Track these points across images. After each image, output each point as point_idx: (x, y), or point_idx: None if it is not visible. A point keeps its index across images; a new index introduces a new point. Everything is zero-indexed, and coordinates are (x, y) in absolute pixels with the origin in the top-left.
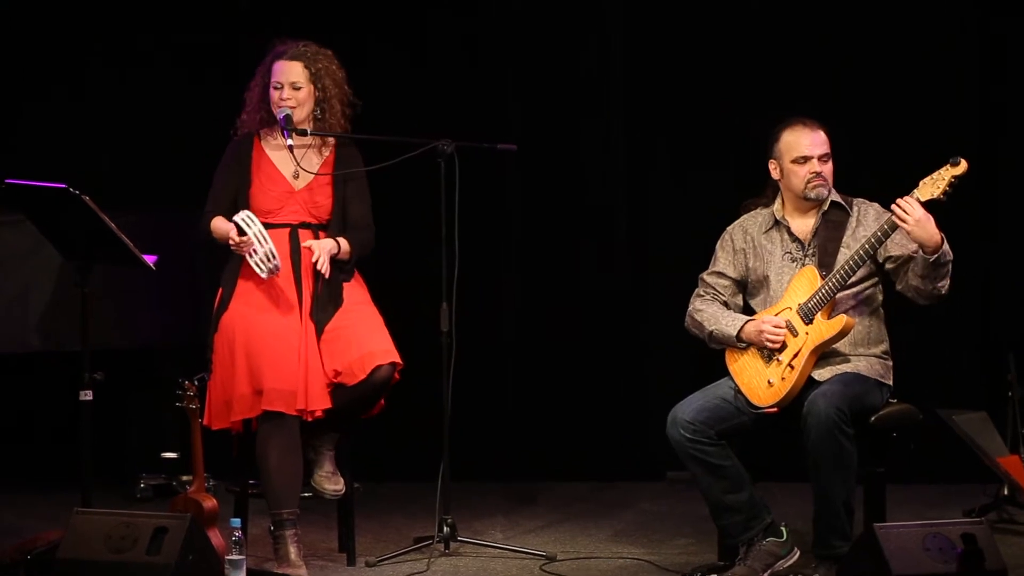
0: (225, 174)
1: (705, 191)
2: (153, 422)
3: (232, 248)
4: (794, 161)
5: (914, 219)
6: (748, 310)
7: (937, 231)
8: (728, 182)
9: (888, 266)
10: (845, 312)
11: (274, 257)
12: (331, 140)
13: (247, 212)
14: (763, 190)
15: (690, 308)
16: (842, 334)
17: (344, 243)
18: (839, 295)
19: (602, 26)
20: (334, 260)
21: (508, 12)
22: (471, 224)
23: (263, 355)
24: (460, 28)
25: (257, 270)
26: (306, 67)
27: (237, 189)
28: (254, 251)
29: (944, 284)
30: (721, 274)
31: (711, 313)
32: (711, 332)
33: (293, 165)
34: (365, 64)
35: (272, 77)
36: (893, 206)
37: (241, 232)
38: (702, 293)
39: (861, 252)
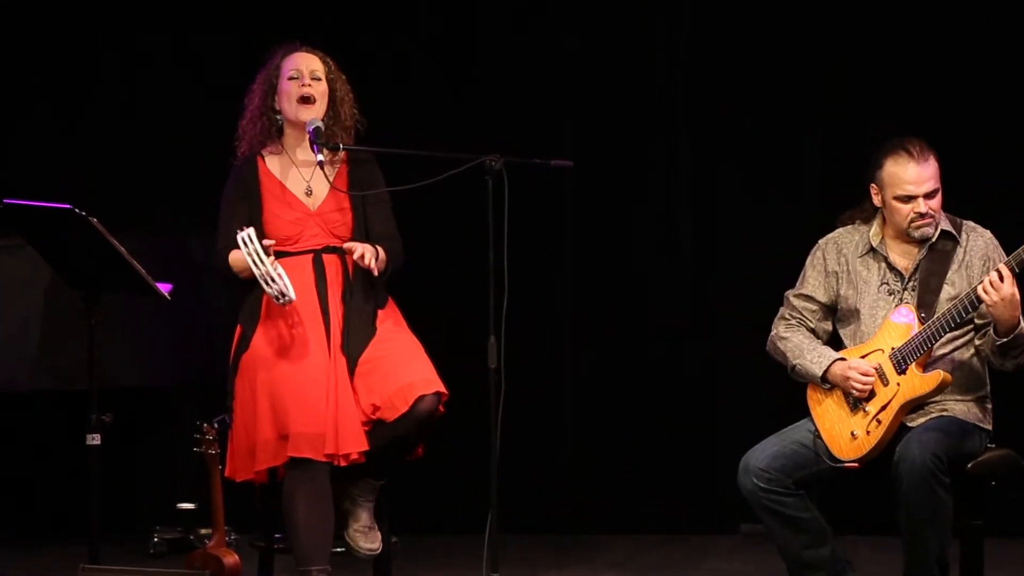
0: (232, 205)
1: (778, 209)
2: (168, 469)
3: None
4: (896, 198)
5: (999, 297)
6: (837, 338)
7: (1017, 313)
8: (805, 199)
9: (977, 321)
10: (942, 359)
11: (274, 281)
12: (341, 152)
13: (249, 231)
14: (861, 202)
15: (773, 332)
16: (937, 391)
17: (381, 250)
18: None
19: (666, 34)
20: (371, 278)
21: (562, 19)
22: (522, 249)
23: (288, 396)
24: (510, 35)
25: (267, 292)
26: (323, 62)
27: (249, 220)
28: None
29: (1017, 361)
30: (809, 298)
31: (796, 343)
32: (794, 365)
33: (305, 182)
34: (408, 76)
35: (287, 66)
36: (985, 280)
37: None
38: (787, 316)
39: (954, 313)
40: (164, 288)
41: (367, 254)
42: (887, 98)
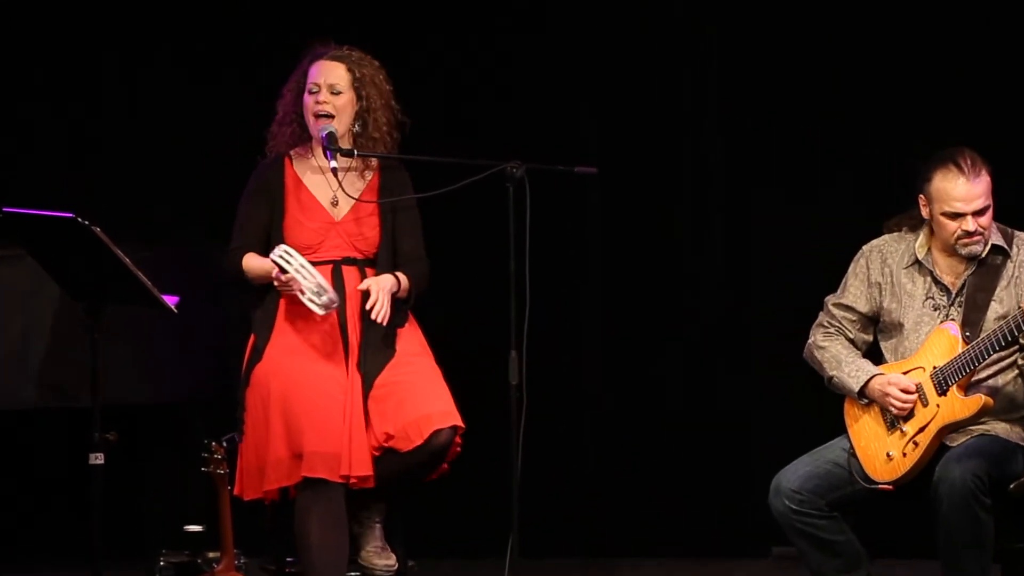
0: (252, 204)
1: (816, 213)
2: (175, 490)
3: (279, 288)
4: (944, 214)
5: None
6: (878, 350)
7: None
8: (845, 205)
9: (1022, 341)
10: (984, 380)
11: (326, 290)
12: (374, 162)
13: (284, 247)
14: (908, 209)
15: (811, 339)
16: (977, 416)
17: (404, 279)
18: None
19: (696, 31)
20: (392, 300)
21: (585, 17)
22: (544, 259)
23: (303, 412)
24: (531, 36)
25: (313, 308)
26: (349, 70)
27: (268, 222)
28: (302, 289)
29: None
30: (849, 308)
31: (834, 354)
32: (831, 377)
33: (331, 191)
34: (425, 78)
35: (308, 79)
36: None
37: (284, 269)
38: (826, 324)
39: (1001, 334)
40: (171, 300)
41: (382, 301)
42: (931, 98)
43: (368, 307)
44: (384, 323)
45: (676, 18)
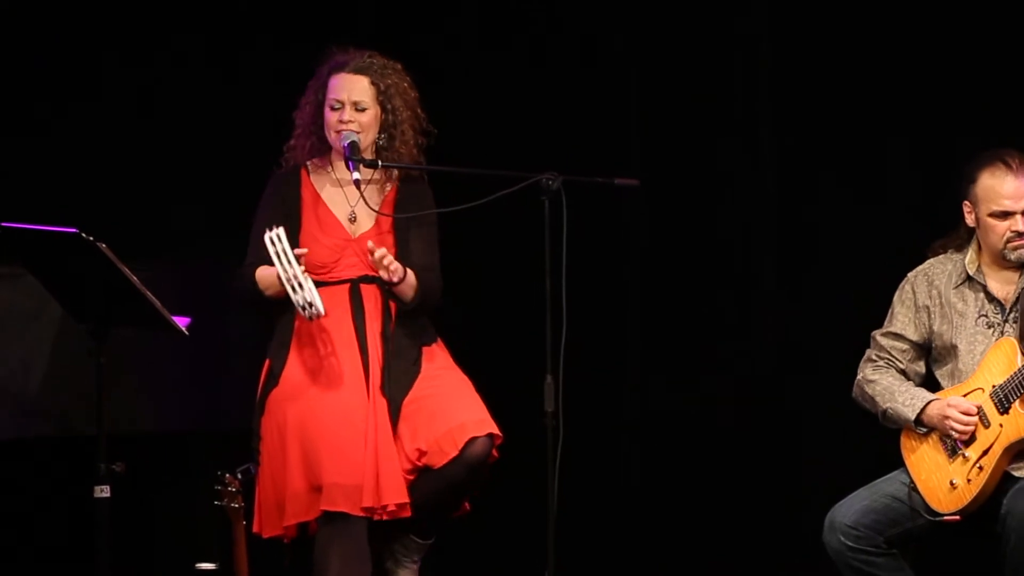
0: (268, 217)
1: (875, 233)
2: (186, 524)
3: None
4: (992, 215)
5: None
6: (932, 381)
7: None
8: (907, 221)
9: None
10: None
11: (301, 287)
12: (395, 174)
13: (279, 230)
14: (955, 228)
15: (860, 376)
16: None
17: (411, 274)
18: None
19: (745, 35)
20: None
21: (626, 20)
22: (582, 278)
23: (321, 441)
24: (568, 37)
25: (293, 301)
26: (373, 83)
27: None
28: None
29: None
30: (899, 336)
31: (886, 386)
32: (885, 410)
33: (349, 206)
34: (454, 84)
35: (329, 94)
36: None
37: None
38: (875, 358)
39: None
40: (182, 322)
41: (389, 256)
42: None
43: (376, 257)
44: (394, 278)
45: (726, 23)
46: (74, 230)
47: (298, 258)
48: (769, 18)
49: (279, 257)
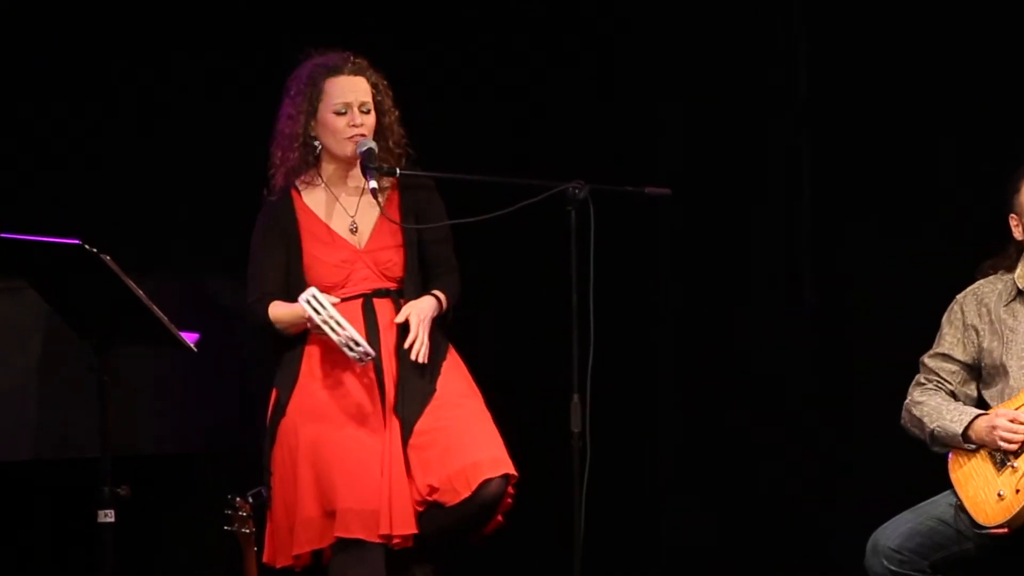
0: (266, 250)
1: (920, 248)
2: (194, 551)
3: (313, 330)
4: None
5: None
6: (983, 405)
7: None
8: (952, 237)
9: None
10: None
11: (358, 344)
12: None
13: (312, 291)
14: (1003, 248)
15: (908, 400)
16: None
17: (443, 297)
18: None
19: (783, 38)
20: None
21: (656, 18)
22: (610, 291)
23: (334, 465)
24: (595, 39)
25: (351, 354)
26: (371, 84)
27: (286, 265)
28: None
29: None
30: (947, 356)
31: (933, 406)
32: (932, 430)
33: (349, 217)
34: (476, 89)
35: (332, 99)
36: None
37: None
38: (923, 381)
39: None
40: (190, 338)
41: (422, 335)
42: None
43: (407, 344)
44: (423, 360)
45: (763, 26)
46: (77, 241)
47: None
48: (808, 23)
49: (328, 324)
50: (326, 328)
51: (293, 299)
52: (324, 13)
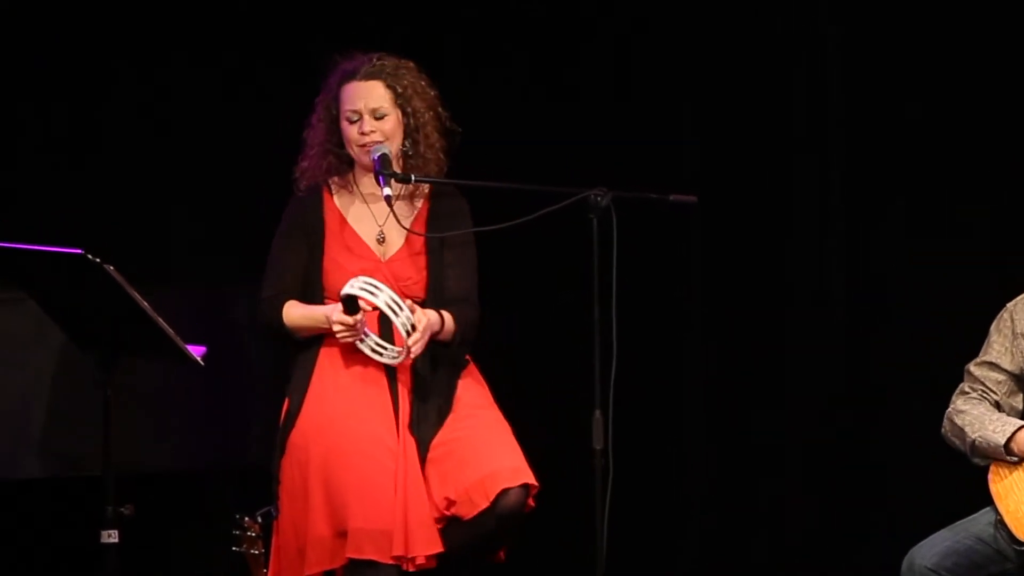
0: (288, 243)
1: (958, 258)
2: (201, 572)
3: (340, 338)
4: None
5: None
6: None
7: None
8: (995, 246)
9: None
10: None
11: (414, 328)
12: (425, 188)
13: (362, 278)
14: None
15: (950, 408)
16: None
17: (448, 319)
18: None
19: (813, 34)
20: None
21: (683, 20)
22: (634, 303)
23: (347, 483)
24: (616, 42)
25: (378, 358)
26: (388, 86)
27: (306, 264)
28: (365, 334)
29: None
30: (994, 365)
31: (976, 416)
32: (974, 441)
33: (377, 227)
34: (494, 92)
35: (344, 106)
36: None
37: (354, 309)
38: (968, 390)
39: None
40: (196, 351)
41: (421, 333)
42: None
43: (410, 342)
44: (413, 355)
45: (792, 26)
46: (79, 250)
47: (361, 309)
48: (841, 31)
49: (390, 306)
50: (388, 312)
51: (308, 300)
52: (339, 14)
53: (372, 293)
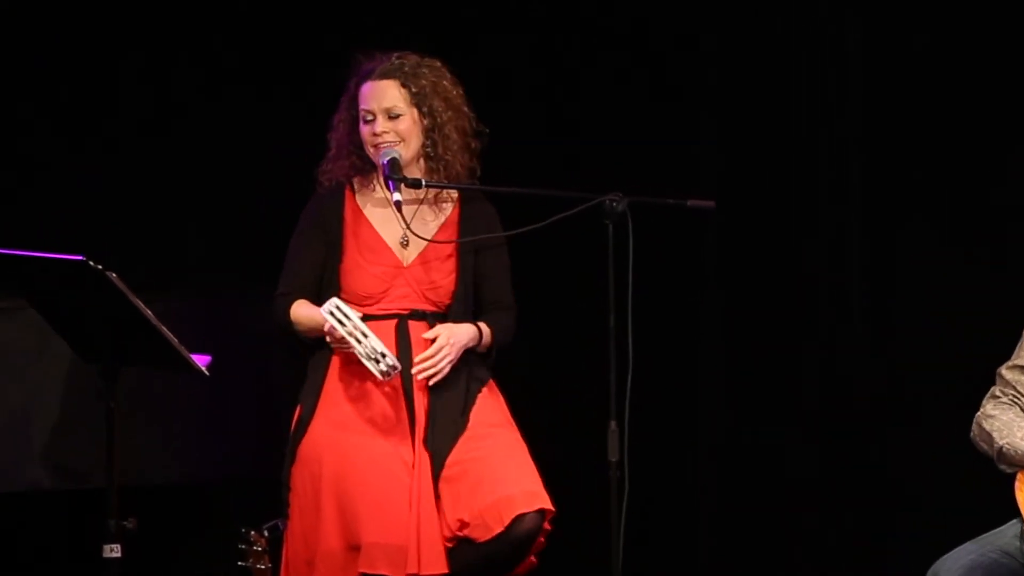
0: (305, 241)
1: (985, 261)
2: None
3: (331, 345)
4: None
5: None
6: None
7: None
8: (1009, 246)
9: None
10: None
11: (384, 356)
12: (454, 192)
13: (335, 302)
14: None
15: (979, 412)
16: None
17: (486, 330)
18: None
19: (835, 36)
20: (471, 352)
21: (700, 23)
22: (650, 311)
23: (360, 496)
24: (634, 42)
25: (371, 370)
26: (404, 85)
27: (324, 263)
28: (359, 340)
29: None
30: None
31: (1005, 422)
32: (1001, 447)
33: (401, 229)
34: (508, 95)
35: (360, 106)
36: None
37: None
38: (999, 394)
39: None
40: (202, 361)
41: (430, 365)
42: None
43: (418, 359)
44: (430, 383)
45: (817, 25)
46: (80, 257)
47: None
48: (864, 32)
49: (353, 336)
50: (351, 340)
51: (324, 300)
52: (355, 14)
53: (340, 322)
